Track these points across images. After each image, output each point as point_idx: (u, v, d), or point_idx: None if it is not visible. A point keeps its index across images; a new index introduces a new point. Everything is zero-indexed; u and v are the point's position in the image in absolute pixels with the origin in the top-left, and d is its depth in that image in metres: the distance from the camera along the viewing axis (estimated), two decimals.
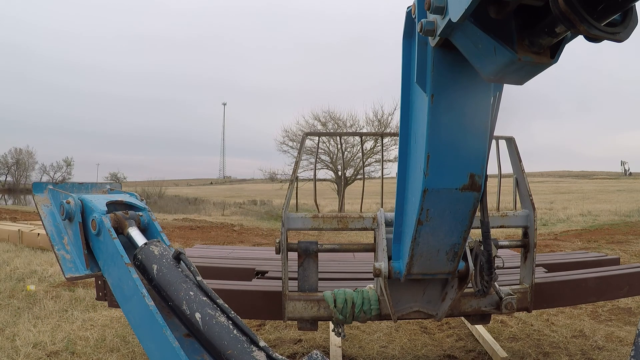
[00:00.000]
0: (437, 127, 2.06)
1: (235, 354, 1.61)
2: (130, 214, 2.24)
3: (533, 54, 1.34)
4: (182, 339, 1.79)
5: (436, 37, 1.64)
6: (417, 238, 2.45)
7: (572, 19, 1.07)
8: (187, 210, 39.59)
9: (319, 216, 3.49)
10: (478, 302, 3.32)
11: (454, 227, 2.43)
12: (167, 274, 1.89)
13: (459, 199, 2.26)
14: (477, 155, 2.17)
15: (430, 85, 1.97)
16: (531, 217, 3.54)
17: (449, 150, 2.13)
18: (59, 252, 2.24)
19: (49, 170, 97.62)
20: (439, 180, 2.18)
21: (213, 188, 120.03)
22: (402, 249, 2.76)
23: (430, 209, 2.30)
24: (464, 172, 2.19)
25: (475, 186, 2.23)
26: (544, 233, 16.99)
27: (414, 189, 2.38)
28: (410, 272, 2.68)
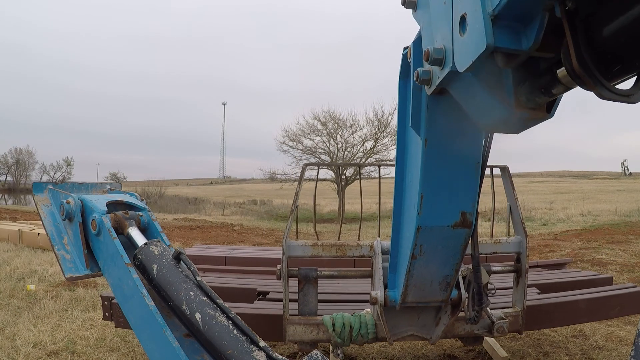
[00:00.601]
0: (430, 169, 2.18)
1: (235, 354, 1.61)
2: (130, 214, 2.24)
3: (529, 110, 1.35)
4: (182, 339, 1.79)
5: (433, 86, 1.65)
6: (411, 270, 2.60)
7: (586, 81, 1.06)
8: (187, 210, 39.65)
9: (318, 244, 3.60)
10: (471, 326, 3.42)
11: (446, 261, 2.58)
12: (167, 274, 1.89)
13: (451, 235, 2.40)
14: (469, 194, 2.30)
15: (424, 130, 2.06)
16: (523, 244, 3.70)
17: (441, 191, 2.25)
18: (59, 252, 2.23)
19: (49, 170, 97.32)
20: (432, 218, 2.31)
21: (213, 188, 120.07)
22: (397, 279, 2.88)
23: (424, 244, 2.44)
24: (456, 211, 2.32)
25: (466, 223, 2.36)
26: (544, 233, 17.00)
27: (409, 225, 2.52)
28: (405, 300, 2.83)
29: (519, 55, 1.21)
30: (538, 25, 1.13)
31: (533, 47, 1.15)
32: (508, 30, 1.17)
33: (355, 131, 33.72)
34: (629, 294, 4.66)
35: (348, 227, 19.24)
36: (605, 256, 10.95)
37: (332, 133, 33.91)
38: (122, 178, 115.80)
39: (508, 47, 1.17)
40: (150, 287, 1.93)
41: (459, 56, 1.33)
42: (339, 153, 33.43)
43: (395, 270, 2.90)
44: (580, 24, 1.07)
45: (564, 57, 1.12)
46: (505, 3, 1.10)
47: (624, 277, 8.73)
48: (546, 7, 1.10)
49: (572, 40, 1.06)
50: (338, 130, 33.71)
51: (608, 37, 1.06)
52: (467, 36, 1.27)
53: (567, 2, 1.06)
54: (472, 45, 1.23)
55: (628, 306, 4.54)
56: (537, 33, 1.14)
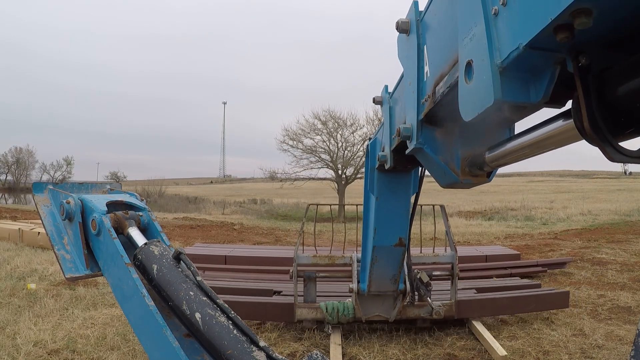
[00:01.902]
0: (380, 213, 3.72)
1: (235, 354, 1.62)
2: (130, 214, 2.25)
3: (472, 177, 1.81)
4: (182, 339, 1.80)
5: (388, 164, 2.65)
6: (372, 271, 4.40)
7: (597, 143, 1.01)
8: (188, 209, 39.59)
9: (317, 255, 5.51)
10: (418, 310, 5.18)
11: (392, 266, 4.35)
12: (167, 274, 1.90)
13: (394, 251, 4.05)
14: (403, 226, 3.85)
15: (376, 192, 3.58)
16: (454, 257, 5.40)
17: (386, 225, 3.82)
18: (59, 252, 2.24)
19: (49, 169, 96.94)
20: (382, 240, 3.95)
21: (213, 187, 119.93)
22: (365, 276, 4.68)
23: (378, 255, 4.16)
24: (395, 236, 3.92)
25: (402, 244, 3.97)
26: (544, 232, 17.01)
27: (370, 244, 4.12)
28: (370, 290, 4.73)
29: (527, 108, 1.19)
30: (549, 78, 1.10)
31: (542, 100, 1.12)
32: (517, 82, 1.13)
33: (356, 130, 33.71)
34: (543, 295, 6.20)
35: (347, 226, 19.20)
36: (605, 255, 10.94)
37: (332, 132, 33.86)
38: (123, 177, 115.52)
39: (516, 101, 1.13)
40: (150, 287, 1.94)
41: (465, 105, 1.30)
42: (339, 152, 33.39)
43: (364, 271, 4.68)
44: (593, 81, 1.02)
45: (574, 113, 1.08)
46: (514, 57, 1.05)
47: (624, 276, 8.74)
48: (557, 61, 1.06)
49: (584, 99, 1.01)
50: (338, 129, 33.69)
51: (623, 96, 1.00)
52: (473, 85, 1.23)
53: (580, 57, 1.01)
54: (478, 97, 1.19)
55: (542, 303, 6.14)
56: (547, 86, 1.10)
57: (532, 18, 0.98)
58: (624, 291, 7.68)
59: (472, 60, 1.22)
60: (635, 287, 7.97)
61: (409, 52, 1.91)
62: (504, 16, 1.09)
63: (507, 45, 1.07)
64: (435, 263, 5.67)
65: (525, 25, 1.00)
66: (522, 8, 1.02)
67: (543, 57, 1.05)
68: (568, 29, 0.92)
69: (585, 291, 7.69)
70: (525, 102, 1.14)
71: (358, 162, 33.26)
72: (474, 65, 1.21)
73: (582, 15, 0.87)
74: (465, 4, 1.26)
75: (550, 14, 0.91)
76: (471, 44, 1.22)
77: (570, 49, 1.01)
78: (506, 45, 1.08)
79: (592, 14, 0.87)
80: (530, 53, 1.03)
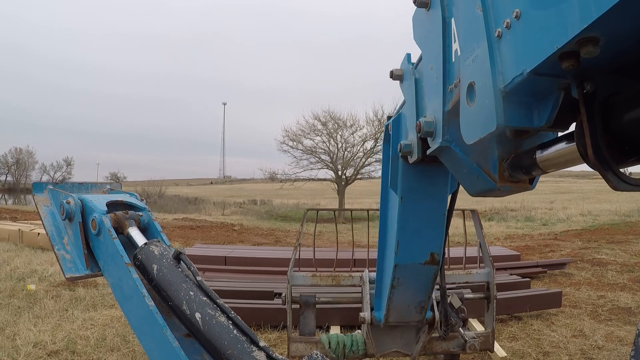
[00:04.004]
0: (405, 220, 2.64)
1: (235, 354, 1.61)
2: (130, 214, 2.24)
3: (512, 183, 1.46)
4: (182, 339, 1.80)
5: (414, 156, 1.93)
6: (391, 297, 3.12)
7: (600, 171, 0.99)
8: (187, 210, 39.62)
9: (317, 275, 4.21)
10: (447, 344, 3.91)
11: (419, 290, 3.08)
12: (167, 274, 1.90)
13: (423, 271, 2.89)
14: (437, 238, 2.74)
15: (400, 190, 2.51)
16: (491, 274, 4.24)
17: (414, 237, 2.72)
18: (59, 252, 2.23)
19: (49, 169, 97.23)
20: (407, 257, 2.79)
21: (213, 188, 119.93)
22: (381, 302, 3.40)
23: (401, 277, 2.94)
24: (426, 252, 2.79)
25: (434, 261, 2.83)
26: (544, 233, 17.00)
27: (389, 262, 2.99)
28: (388, 320, 3.34)
29: (529, 132, 1.17)
30: (552, 104, 1.07)
31: (546, 125, 1.10)
32: (520, 107, 1.10)
33: (355, 131, 33.72)
34: (536, 295, 6.35)
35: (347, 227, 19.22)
36: (605, 256, 10.94)
37: (332, 133, 33.88)
38: (123, 178, 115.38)
39: (519, 126, 1.11)
40: (150, 287, 1.94)
41: (466, 128, 1.26)
42: (338, 153, 33.42)
43: (379, 296, 3.42)
44: (597, 108, 1.00)
45: (577, 139, 1.06)
46: (518, 82, 1.02)
47: (624, 277, 8.73)
48: (562, 86, 1.03)
49: (589, 127, 0.99)
50: (338, 130, 33.71)
51: (627, 124, 0.97)
52: (475, 108, 1.19)
53: (585, 84, 0.98)
54: (480, 121, 1.16)
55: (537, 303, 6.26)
56: (550, 112, 1.08)
57: (537, 45, 0.95)
58: (624, 292, 7.68)
59: (474, 82, 1.18)
60: (635, 287, 7.97)
61: (431, 30, 1.66)
62: (508, 40, 1.05)
63: (510, 70, 1.04)
64: (467, 282, 4.54)
65: (530, 51, 0.97)
66: (527, 33, 0.99)
67: (547, 82, 1.03)
68: (574, 57, 0.90)
69: (585, 292, 7.69)
70: (529, 127, 1.12)
71: (358, 163, 33.28)
72: (476, 87, 1.18)
73: (589, 44, 0.85)
74: (468, 23, 1.23)
75: (556, 42, 0.89)
76: (473, 66, 1.19)
77: (575, 76, 0.99)
78: (510, 70, 1.04)
79: (599, 42, 0.85)
80: (535, 79, 1.00)
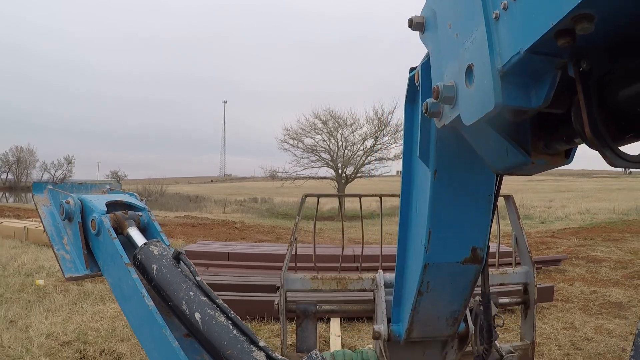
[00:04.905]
0: (439, 202, 2.00)
1: (234, 354, 1.62)
2: (129, 214, 2.24)
3: (547, 156, 1.30)
4: (181, 339, 1.80)
5: (442, 121, 1.50)
6: (417, 307, 2.39)
7: (597, 148, 1.01)
8: (189, 208, 39.83)
9: (317, 277, 3.45)
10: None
11: (454, 297, 2.41)
12: (166, 274, 1.90)
13: (460, 272, 2.22)
14: (480, 229, 2.11)
15: (434, 161, 1.89)
16: (531, 274, 3.48)
17: (451, 225, 2.07)
18: (59, 252, 2.24)
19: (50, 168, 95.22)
20: (440, 254, 2.13)
21: (213, 186, 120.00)
22: (401, 313, 2.69)
23: (431, 281, 2.25)
24: (466, 246, 2.15)
25: (477, 259, 2.18)
26: (542, 230, 17.25)
27: (415, 260, 2.33)
28: (410, 336, 2.62)
29: (528, 112, 1.17)
30: (549, 83, 1.08)
31: (543, 105, 1.10)
32: (518, 87, 1.11)
33: (356, 130, 34.04)
34: None
35: (348, 225, 19.44)
36: (600, 253, 11.15)
37: (332, 132, 34.15)
38: (123, 176, 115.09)
39: (517, 105, 1.11)
40: (149, 287, 1.94)
41: (465, 109, 1.26)
42: (339, 151, 33.70)
43: (399, 305, 2.71)
44: (594, 86, 1.03)
45: (574, 117, 1.08)
46: (515, 61, 1.04)
47: (617, 274, 8.95)
48: (559, 66, 1.05)
49: (585, 103, 1.01)
50: (338, 128, 34.02)
51: (623, 101, 1.01)
52: (474, 89, 1.20)
53: (581, 62, 1.01)
54: (479, 101, 1.17)
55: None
56: (548, 91, 1.09)
57: (533, 23, 0.98)
58: (617, 287, 7.90)
59: (472, 64, 1.20)
60: (627, 283, 8.19)
61: None
62: (505, 20, 1.08)
63: (508, 50, 1.07)
64: (501, 284, 3.67)
65: (527, 30, 1.00)
66: (523, 13, 1.02)
67: (544, 61, 1.05)
68: (569, 34, 0.92)
69: (579, 287, 7.90)
70: (526, 106, 1.12)
71: (358, 161, 33.58)
72: (474, 69, 1.19)
73: (583, 21, 0.88)
74: (466, 7, 1.26)
75: (551, 19, 0.92)
76: (472, 48, 1.21)
77: (571, 54, 1.02)
78: (507, 49, 1.07)
79: (593, 19, 0.87)
80: (532, 57, 1.03)
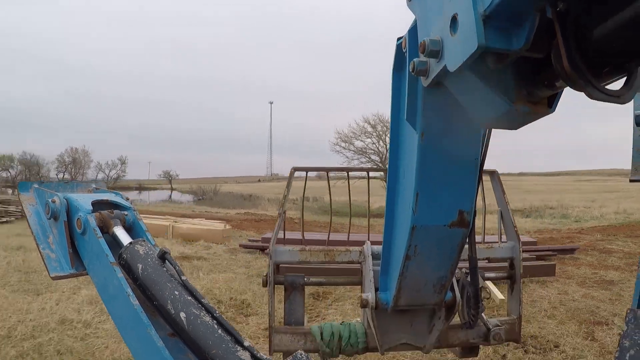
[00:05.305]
0: (426, 164, 2.06)
1: (219, 354, 1.61)
2: (115, 213, 2.22)
3: (530, 104, 1.30)
4: (166, 339, 1.78)
5: (429, 79, 1.57)
6: (404, 272, 2.46)
7: (577, 82, 1.06)
8: (244, 206, 41.60)
9: (306, 249, 3.56)
10: (466, 334, 3.30)
11: (441, 262, 2.46)
12: (152, 273, 1.88)
13: (447, 235, 2.28)
14: (467, 192, 2.17)
15: (421, 123, 1.95)
16: (517, 248, 3.55)
17: (438, 188, 2.13)
18: (44, 252, 2.21)
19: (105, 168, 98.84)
20: (428, 217, 2.19)
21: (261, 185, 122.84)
22: (389, 281, 2.76)
23: (418, 245, 2.31)
24: (453, 209, 2.20)
25: (463, 222, 2.23)
26: (573, 228, 18.67)
27: (402, 225, 2.41)
28: (398, 303, 2.69)
29: (509, 56, 1.20)
30: (529, 25, 1.12)
31: (524, 47, 1.15)
32: (499, 31, 1.16)
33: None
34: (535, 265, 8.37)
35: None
36: (615, 246, 12.69)
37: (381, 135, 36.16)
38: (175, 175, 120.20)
39: (499, 48, 1.16)
40: (135, 287, 1.92)
41: (450, 56, 1.32)
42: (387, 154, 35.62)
43: (387, 272, 2.79)
44: (571, 25, 1.08)
45: (554, 58, 1.12)
46: (497, 3, 1.09)
47: (622, 262, 10.64)
48: (537, 8, 1.10)
49: (563, 42, 1.06)
50: (387, 132, 36.06)
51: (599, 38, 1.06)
52: (458, 36, 1.25)
53: (558, 3, 1.06)
54: (462, 46, 1.21)
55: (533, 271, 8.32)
56: (528, 33, 1.13)
57: None
58: (616, 271, 9.60)
59: (457, 13, 1.24)
60: (627, 268, 9.86)
61: None
62: None
63: None
64: (487, 259, 3.75)
65: None
66: None
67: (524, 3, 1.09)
68: None
69: (583, 270, 9.69)
70: (508, 49, 1.16)
71: None
72: (458, 18, 1.23)
73: None
74: None
75: None
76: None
77: None
78: None
79: None
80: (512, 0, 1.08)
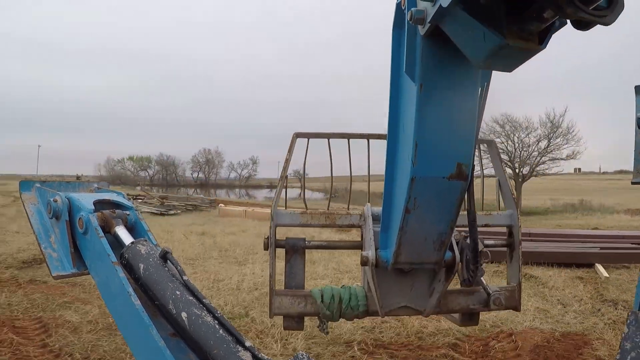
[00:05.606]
0: (425, 116, 2.04)
1: (221, 354, 1.59)
2: (117, 213, 2.19)
3: (522, 40, 1.32)
4: (167, 339, 1.75)
5: (426, 25, 1.62)
6: (404, 227, 2.42)
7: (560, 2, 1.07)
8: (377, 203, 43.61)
9: (307, 212, 3.49)
10: (466, 299, 3.24)
11: (440, 216, 2.41)
12: (153, 273, 1.85)
13: (446, 188, 2.23)
14: (465, 144, 2.13)
15: (419, 75, 1.94)
16: (515, 216, 3.50)
17: (437, 139, 2.10)
18: (46, 251, 2.20)
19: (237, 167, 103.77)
20: (427, 168, 2.16)
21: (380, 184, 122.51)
22: (389, 237, 2.74)
23: (418, 197, 2.27)
24: (451, 161, 2.16)
25: (462, 175, 2.18)
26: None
27: (402, 178, 2.37)
28: (398, 260, 2.63)
29: None
30: None
31: None
32: None
33: (530, 132, 36.41)
34: None
35: None
36: None
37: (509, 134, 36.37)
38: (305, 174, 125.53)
39: None
40: (136, 286, 1.88)
41: None
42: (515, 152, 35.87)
43: (387, 229, 2.76)
44: None
45: None
46: None
47: None
48: None
49: None
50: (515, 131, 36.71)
51: None
52: None
53: None
54: None
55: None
56: None
57: None
58: None
59: None
60: None
61: None
62: None
63: None
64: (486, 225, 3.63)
65: None
66: None
67: None
68: None
69: None
70: None
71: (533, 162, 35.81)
72: None
73: None
74: None
75: None
76: None
77: None
78: None
79: None
80: None
